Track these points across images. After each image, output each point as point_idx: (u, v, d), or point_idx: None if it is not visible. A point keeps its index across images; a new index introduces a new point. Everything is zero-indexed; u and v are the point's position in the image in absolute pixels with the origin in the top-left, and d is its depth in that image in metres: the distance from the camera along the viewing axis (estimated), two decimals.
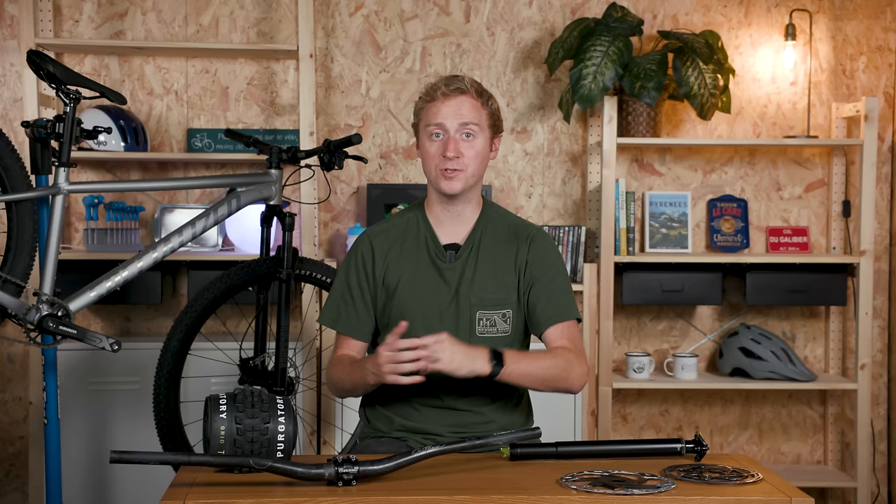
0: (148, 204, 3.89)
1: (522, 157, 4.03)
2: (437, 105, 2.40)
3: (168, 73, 3.90)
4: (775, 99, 4.06)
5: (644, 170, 4.06)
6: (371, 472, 1.94)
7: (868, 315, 3.84)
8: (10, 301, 2.68)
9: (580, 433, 3.67)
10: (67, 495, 3.45)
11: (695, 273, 3.86)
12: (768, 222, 4.08)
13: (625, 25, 3.78)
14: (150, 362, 3.20)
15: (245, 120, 3.93)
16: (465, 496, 1.86)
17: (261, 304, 3.12)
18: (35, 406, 3.55)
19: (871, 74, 4.06)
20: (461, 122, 2.39)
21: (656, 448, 2.17)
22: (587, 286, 3.77)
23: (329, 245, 3.98)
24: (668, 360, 3.95)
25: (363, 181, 3.96)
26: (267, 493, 1.88)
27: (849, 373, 4.06)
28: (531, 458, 2.13)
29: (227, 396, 2.04)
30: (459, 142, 2.40)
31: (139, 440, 3.40)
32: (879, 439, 4.11)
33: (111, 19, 3.88)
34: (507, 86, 4.00)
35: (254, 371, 3.08)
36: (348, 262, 2.51)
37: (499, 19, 3.99)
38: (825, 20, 4.04)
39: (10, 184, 2.70)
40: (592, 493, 1.87)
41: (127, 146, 3.67)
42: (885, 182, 4.08)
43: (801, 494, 1.90)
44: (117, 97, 2.85)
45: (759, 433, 4.13)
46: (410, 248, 2.47)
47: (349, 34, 3.95)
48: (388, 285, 2.46)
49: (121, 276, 2.83)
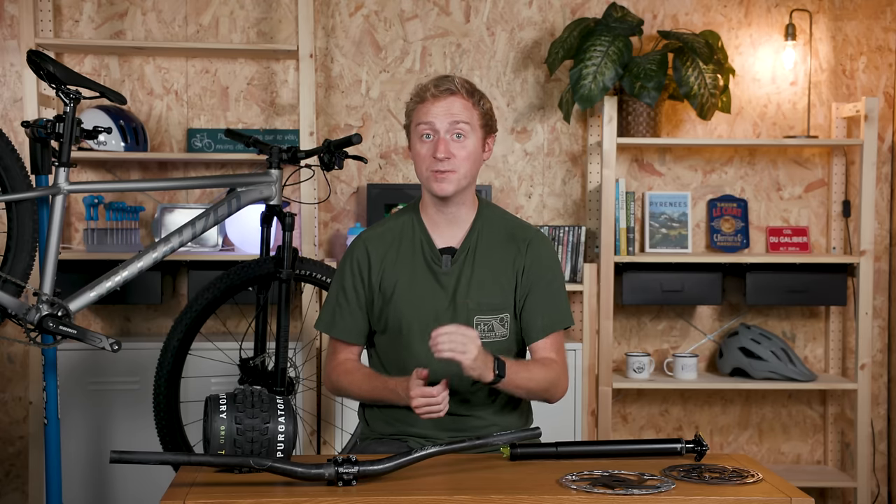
0: (148, 204, 3.89)
1: (522, 157, 4.03)
2: (427, 106, 2.39)
3: (168, 73, 3.91)
4: (775, 99, 4.06)
5: (644, 170, 4.06)
6: (371, 472, 1.94)
7: (868, 315, 3.84)
8: (10, 301, 2.68)
9: (580, 433, 3.67)
10: (67, 495, 3.45)
11: (695, 273, 3.86)
12: (768, 222, 4.08)
13: (625, 25, 3.78)
14: (150, 362, 3.20)
15: (245, 120, 3.93)
16: (465, 496, 1.86)
17: (261, 304, 3.12)
18: (35, 406, 3.55)
19: (871, 74, 4.06)
20: (451, 122, 2.37)
21: (656, 448, 2.17)
22: (587, 286, 3.77)
23: (329, 245, 3.98)
24: (668, 360, 3.95)
25: (363, 181, 3.96)
26: (267, 493, 1.88)
27: (849, 373, 4.06)
28: (531, 458, 2.13)
29: (227, 396, 2.04)
30: (450, 142, 2.38)
31: (139, 440, 3.40)
32: (879, 439, 4.11)
33: (111, 19, 3.88)
34: (507, 86, 4.00)
35: (254, 371, 3.08)
36: (343, 268, 2.50)
37: (499, 19, 3.99)
38: (825, 20, 4.04)
39: (10, 184, 2.71)
40: (592, 493, 1.87)
41: (127, 146, 3.67)
42: (885, 182, 4.08)
43: (801, 494, 1.90)
44: (117, 97, 2.85)
45: (759, 433, 4.13)
46: (406, 252, 2.46)
47: (349, 34, 3.95)
48: (384, 291, 2.45)
49: (121, 276, 2.83)
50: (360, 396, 2.49)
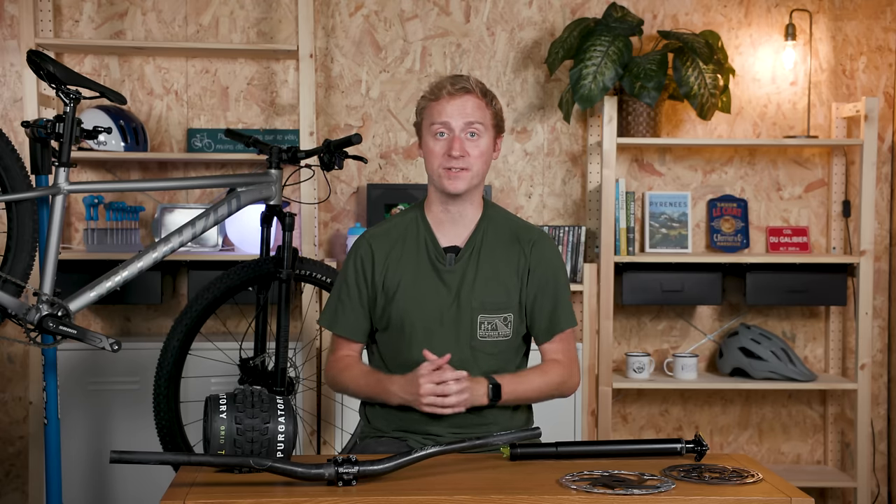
0: (148, 204, 3.89)
1: (522, 157, 4.03)
2: (442, 104, 2.40)
3: (168, 73, 3.90)
4: (775, 99, 4.06)
5: (644, 170, 4.06)
6: (371, 472, 1.94)
7: (868, 315, 3.84)
8: (10, 301, 2.68)
9: (580, 433, 3.67)
10: (67, 495, 3.45)
11: (695, 273, 3.86)
12: (768, 222, 4.08)
13: (625, 25, 3.78)
14: (150, 362, 3.20)
15: (245, 120, 3.93)
16: (465, 496, 1.86)
17: (261, 304, 3.12)
18: (35, 406, 3.55)
19: (871, 74, 4.06)
20: (466, 122, 2.39)
21: (656, 448, 2.17)
22: (587, 286, 3.77)
23: (329, 245, 3.98)
24: (668, 360, 3.95)
25: (363, 181, 3.96)
26: (267, 493, 1.88)
27: (849, 373, 4.06)
28: (531, 458, 2.13)
29: (227, 396, 2.04)
30: (465, 141, 2.39)
31: (139, 440, 3.40)
32: (879, 439, 4.11)
33: (111, 19, 3.88)
34: (507, 86, 4.00)
35: (254, 371, 3.08)
36: (347, 265, 2.51)
37: (499, 19, 3.99)
38: (825, 20, 4.04)
39: (10, 184, 2.70)
40: (592, 493, 1.87)
41: (127, 146, 3.67)
42: (885, 182, 4.08)
43: (801, 494, 1.90)
44: (117, 97, 2.85)
45: (759, 433, 4.13)
46: (410, 250, 2.47)
47: (349, 34, 3.95)
48: (387, 289, 2.46)
49: (121, 276, 2.83)
50: (356, 393, 2.50)
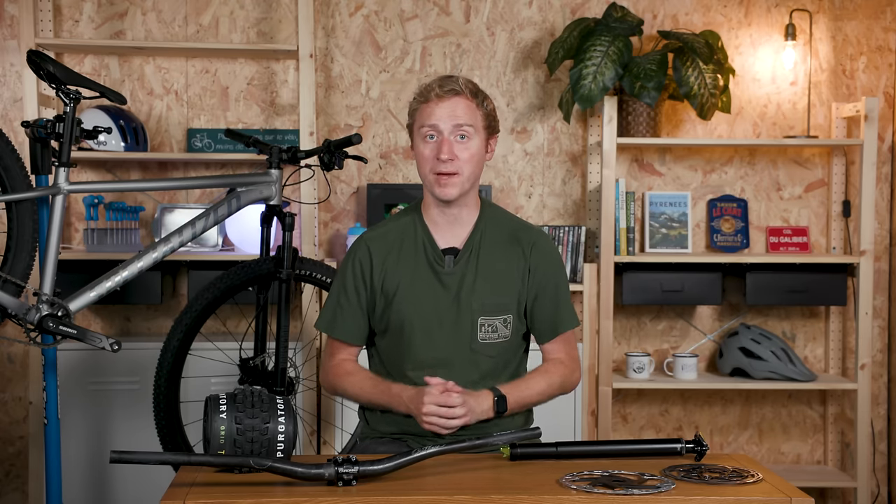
0: (148, 204, 3.89)
1: (522, 157, 4.03)
2: (431, 106, 2.38)
3: (168, 73, 3.90)
4: (775, 99, 4.06)
5: (644, 170, 4.06)
6: (371, 472, 1.94)
7: (868, 315, 3.84)
8: (10, 301, 2.68)
9: (580, 433, 3.67)
10: (67, 495, 3.45)
11: (695, 273, 3.86)
12: (768, 222, 4.08)
13: (625, 25, 3.78)
14: (150, 362, 3.20)
15: (245, 120, 3.93)
16: (465, 496, 1.86)
17: (261, 304, 3.12)
18: (35, 406, 3.55)
19: (871, 74, 4.06)
20: (455, 124, 2.37)
21: (656, 448, 2.17)
22: (587, 286, 3.77)
23: (329, 245, 3.98)
24: (668, 360, 3.95)
25: (363, 181, 3.96)
26: (267, 493, 1.88)
27: (849, 373, 4.06)
28: (531, 458, 2.13)
29: (227, 396, 2.04)
30: (454, 143, 2.37)
31: (139, 440, 3.40)
32: (879, 439, 4.11)
33: (111, 19, 3.88)
34: (507, 86, 4.00)
35: (254, 371, 3.08)
36: (345, 268, 2.49)
37: (499, 19, 3.99)
38: (825, 20, 4.04)
39: (10, 184, 2.70)
40: (592, 493, 1.87)
41: (127, 146, 3.67)
42: (885, 182, 4.08)
43: (801, 494, 1.90)
44: (117, 97, 2.85)
45: (759, 433, 4.13)
46: (408, 253, 2.45)
47: (349, 34, 3.95)
48: (386, 292, 2.45)
49: (121, 276, 2.83)
50: (358, 398, 2.48)
